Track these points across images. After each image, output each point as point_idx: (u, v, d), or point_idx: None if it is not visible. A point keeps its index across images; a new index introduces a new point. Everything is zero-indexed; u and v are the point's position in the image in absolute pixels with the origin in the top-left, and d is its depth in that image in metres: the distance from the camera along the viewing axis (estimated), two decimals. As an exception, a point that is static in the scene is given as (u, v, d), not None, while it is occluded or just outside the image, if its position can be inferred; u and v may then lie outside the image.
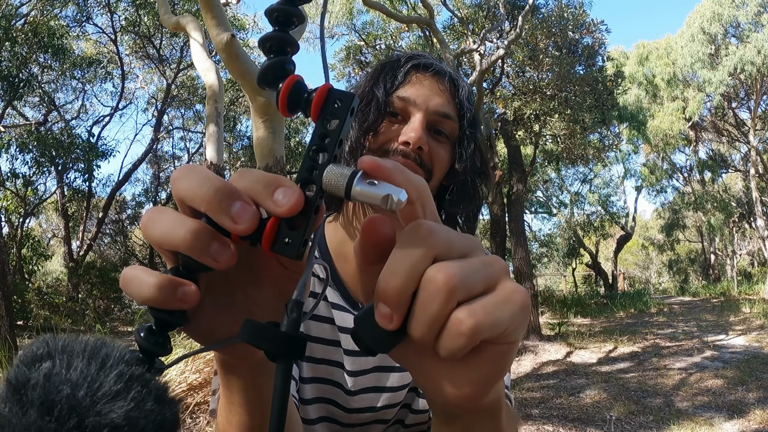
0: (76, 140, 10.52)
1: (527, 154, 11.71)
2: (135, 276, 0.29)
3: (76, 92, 13.11)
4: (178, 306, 0.29)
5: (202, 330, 0.35)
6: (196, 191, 0.29)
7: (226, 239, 0.29)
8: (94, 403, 0.24)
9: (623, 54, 19.28)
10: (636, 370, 5.88)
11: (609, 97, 9.47)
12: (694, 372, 5.54)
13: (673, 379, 5.33)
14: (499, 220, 8.72)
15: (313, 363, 0.78)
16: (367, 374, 0.79)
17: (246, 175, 0.30)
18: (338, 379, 0.79)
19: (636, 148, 20.14)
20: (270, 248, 0.30)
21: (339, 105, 0.30)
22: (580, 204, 19.96)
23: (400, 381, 0.80)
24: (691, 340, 7.52)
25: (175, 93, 13.39)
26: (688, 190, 20.77)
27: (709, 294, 15.98)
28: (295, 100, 0.31)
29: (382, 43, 11.18)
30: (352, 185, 0.29)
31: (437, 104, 0.74)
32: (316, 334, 0.78)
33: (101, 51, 12.78)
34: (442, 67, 0.77)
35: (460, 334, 0.27)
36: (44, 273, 12.92)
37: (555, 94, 9.01)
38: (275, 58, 0.31)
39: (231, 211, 0.28)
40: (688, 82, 17.32)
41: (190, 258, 0.29)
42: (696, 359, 6.20)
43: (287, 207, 0.28)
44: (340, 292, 0.78)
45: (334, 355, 0.78)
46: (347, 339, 0.78)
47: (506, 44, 8.22)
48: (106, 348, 0.26)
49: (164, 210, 0.30)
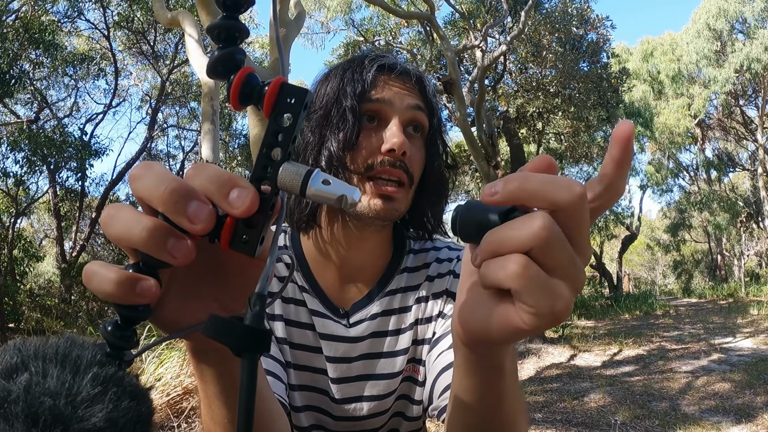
0: (68, 138, 10.50)
1: (530, 153, 11.70)
2: (95, 272, 0.30)
3: (69, 89, 13.08)
4: (137, 301, 0.30)
5: (168, 321, 0.36)
6: (153, 191, 0.29)
7: (182, 236, 0.30)
8: (75, 410, 0.25)
9: (627, 50, 19.29)
10: (641, 373, 5.88)
11: (614, 95, 9.48)
12: (701, 375, 5.53)
13: (679, 382, 5.33)
14: (501, 220, 8.71)
15: (297, 370, 0.78)
16: (352, 382, 0.79)
17: (202, 173, 0.31)
18: (323, 387, 0.79)
19: (641, 146, 20.14)
20: (228, 246, 0.31)
21: (292, 100, 0.31)
22: (584, 203, 19.93)
23: (386, 389, 0.80)
24: (697, 342, 7.51)
25: (170, 90, 13.37)
26: (694, 190, 20.78)
27: (717, 295, 15.98)
28: (248, 94, 0.31)
29: (381, 39, 11.17)
30: (307, 184, 0.30)
31: (409, 102, 0.74)
32: (298, 341, 0.78)
33: (94, 47, 12.76)
34: (407, 65, 0.77)
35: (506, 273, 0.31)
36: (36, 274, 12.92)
37: (558, 91, 9.01)
38: (225, 49, 0.31)
39: (187, 211, 0.29)
40: (693, 79, 17.34)
41: (148, 255, 0.30)
42: (703, 362, 6.20)
43: (242, 208, 0.29)
44: (320, 299, 0.78)
45: (316, 362, 0.79)
46: (329, 345, 0.78)
47: (509, 40, 8.22)
48: (76, 349, 0.27)
49: (122, 207, 0.31)
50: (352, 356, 0.79)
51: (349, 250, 0.76)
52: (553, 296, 0.31)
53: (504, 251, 0.31)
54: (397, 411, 0.84)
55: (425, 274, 0.81)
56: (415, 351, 0.80)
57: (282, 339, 0.78)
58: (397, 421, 0.85)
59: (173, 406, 3.65)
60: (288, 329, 0.78)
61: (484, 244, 0.32)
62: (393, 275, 0.80)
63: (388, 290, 0.79)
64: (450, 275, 0.80)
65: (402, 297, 0.80)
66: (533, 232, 0.30)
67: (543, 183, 0.31)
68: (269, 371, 0.72)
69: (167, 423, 3.51)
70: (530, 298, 0.31)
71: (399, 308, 0.80)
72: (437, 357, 0.74)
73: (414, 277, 0.81)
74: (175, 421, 3.52)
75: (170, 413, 3.58)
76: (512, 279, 0.30)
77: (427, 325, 0.80)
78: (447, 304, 0.79)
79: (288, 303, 0.78)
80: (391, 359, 0.79)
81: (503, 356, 0.41)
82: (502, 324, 0.34)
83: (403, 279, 0.81)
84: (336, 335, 0.78)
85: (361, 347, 0.79)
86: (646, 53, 18.78)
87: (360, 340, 0.78)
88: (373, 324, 0.79)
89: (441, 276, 0.81)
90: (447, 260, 0.82)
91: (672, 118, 17.92)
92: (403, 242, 0.83)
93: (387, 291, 0.79)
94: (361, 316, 0.78)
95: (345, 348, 0.78)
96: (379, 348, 0.79)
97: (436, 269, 0.81)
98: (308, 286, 0.78)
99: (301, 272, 0.79)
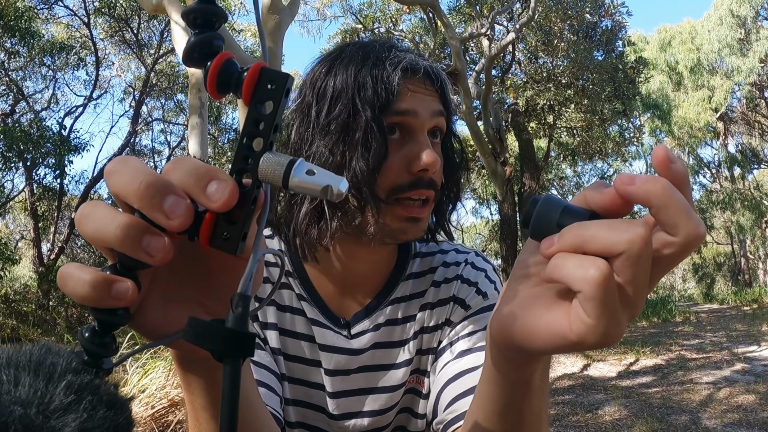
0: (46, 133, 10.50)
1: (540, 148, 11.71)
2: (70, 274, 0.30)
3: (46, 80, 13.09)
4: (113, 304, 0.30)
5: (149, 327, 0.36)
6: (128, 186, 0.30)
7: (159, 233, 0.30)
8: (47, 419, 0.25)
9: (643, 39, 19.31)
10: (660, 384, 5.88)
11: (630, 86, 9.49)
12: (724, 386, 5.53)
13: (700, 394, 5.33)
14: (509, 221, 8.73)
15: (292, 384, 0.78)
16: (351, 396, 0.79)
17: (179, 166, 0.31)
18: (319, 402, 0.79)
19: (659, 141, 20.15)
20: (208, 243, 0.31)
21: (273, 86, 0.30)
22: (598, 203, 19.95)
23: (388, 402, 0.80)
24: (720, 351, 7.52)
25: (155, 81, 13.38)
26: (716, 188, 20.78)
27: (740, 301, 15.98)
28: (226, 81, 0.31)
29: (381, 27, 11.18)
30: (289, 175, 0.30)
31: (433, 109, 0.72)
32: (293, 353, 0.78)
33: (73, 35, 12.77)
34: (426, 62, 0.74)
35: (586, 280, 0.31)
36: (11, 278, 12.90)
37: (571, 83, 9.01)
38: (202, 34, 0.31)
39: (164, 207, 0.29)
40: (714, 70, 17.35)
41: (125, 254, 0.30)
42: (725, 372, 6.20)
43: (221, 202, 0.29)
44: (319, 308, 0.78)
45: (313, 376, 0.78)
46: (328, 357, 0.77)
47: (518, 27, 8.22)
48: (51, 356, 0.28)
49: (98, 204, 0.31)
50: (352, 368, 0.78)
51: (354, 261, 0.76)
52: (615, 317, 0.32)
53: (590, 249, 0.31)
54: (399, 425, 0.84)
55: (431, 279, 0.81)
56: (419, 361, 0.80)
57: (276, 349, 0.77)
58: None
59: (158, 419, 3.65)
60: (282, 339, 0.78)
61: (569, 234, 0.32)
62: (398, 282, 0.80)
63: (392, 298, 0.79)
64: (457, 280, 0.80)
65: (407, 306, 0.80)
66: (631, 238, 0.30)
67: (679, 207, 0.31)
68: (262, 382, 0.71)
69: (152, 438, 3.51)
70: (596, 309, 0.31)
71: (404, 317, 0.80)
72: (443, 367, 0.74)
73: (420, 283, 0.81)
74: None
75: (155, 427, 3.58)
76: (588, 283, 0.31)
77: (433, 334, 0.79)
78: (454, 311, 0.78)
79: (284, 311, 0.78)
80: (394, 371, 0.79)
81: (533, 371, 0.41)
82: (547, 327, 0.34)
83: (408, 286, 0.80)
84: (336, 347, 0.78)
85: (363, 359, 0.79)
86: (664, 42, 18.79)
87: (361, 352, 0.78)
88: (377, 335, 0.78)
89: (448, 281, 0.80)
90: (454, 264, 0.81)
91: (692, 111, 17.92)
92: (408, 245, 0.82)
93: (391, 299, 0.79)
94: (364, 326, 0.78)
95: (345, 360, 0.78)
96: (382, 360, 0.79)
97: (443, 274, 0.81)
98: (306, 294, 0.78)
99: (298, 279, 0.78)
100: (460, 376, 0.71)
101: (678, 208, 0.31)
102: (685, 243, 0.32)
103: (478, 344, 0.74)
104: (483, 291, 0.79)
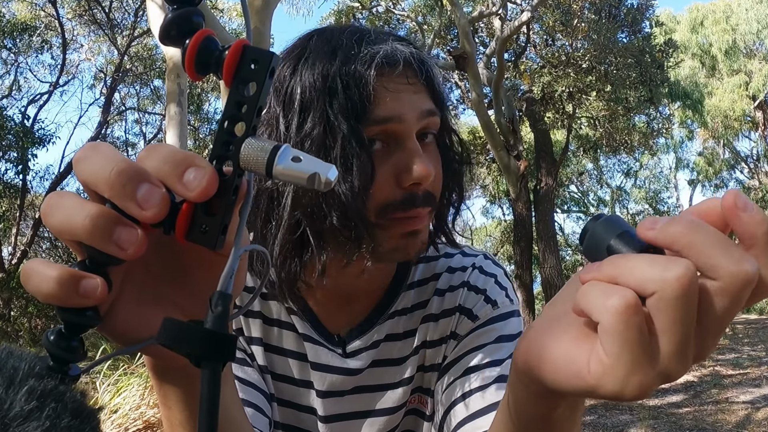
0: (7, 123, 10.50)
1: (558, 141, 11.72)
2: (34, 269, 0.31)
3: (8, 65, 13.08)
4: (80, 302, 0.31)
5: (122, 330, 0.36)
6: (99, 174, 0.30)
7: (131, 224, 0.30)
8: (6, 427, 0.25)
9: (673, 19, 19.32)
10: (691, 404, 5.88)
11: (658, 71, 9.49)
12: (763, 406, 5.54)
13: (736, 414, 5.33)
14: (524, 221, 8.74)
15: (280, 406, 0.78)
16: (345, 420, 0.79)
17: (154, 153, 0.31)
18: (310, 428, 0.79)
19: (691, 133, 20.17)
20: (185, 237, 0.31)
21: (256, 66, 0.31)
22: (624, 201, 20.02)
23: (387, 426, 0.80)
24: (758, 367, 7.51)
25: (129, 66, 13.38)
26: (754, 184, 20.79)
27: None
28: (205, 60, 0.31)
29: (381, 5, 11.18)
30: (273, 162, 0.30)
31: (421, 109, 0.67)
32: (281, 372, 0.78)
33: (37, 15, 12.76)
34: (404, 50, 0.68)
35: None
36: (-31, 286, 12.90)
37: (592, 67, 9.01)
38: (180, 9, 0.32)
39: (137, 196, 0.29)
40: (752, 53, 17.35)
41: (94, 248, 0.30)
42: (764, 391, 6.20)
43: (198, 190, 0.30)
44: (311, 323, 0.77)
45: (303, 398, 0.78)
46: (321, 377, 0.77)
47: (533, 6, 8.23)
48: (12, 359, 0.28)
49: (65, 194, 0.32)
50: (346, 389, 0.78)
51: (350, 274, 0.73)
52: (638, 362, 0.30)
53: (623, 281, 0.31)
54: None
55: (434, 287, 0.80)
56: (422, 379, 0.80)
57: (263, 367, 0.77)
58: None
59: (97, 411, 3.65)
60: (268, 356, 0.78)
61: (609, 263, 0.32)
62: (398, 293, 0.79)
63: (392, 311, 0.79)
64: (463, 288, 0.79)
65: (409, 318, 0.79)
66: (666, 278, 0.29)
67: (710, 245, 0.30)
68: (250, 402, 0.71)
69: (125, 464, 3.51)
70: (614, 346, 0.30)
71: (405, 332, 0.79)
72: (449, 386, 0.74)
73: (422, 292, 0.80)
74: (134, 461, 3.52)
75: (129, 452, 3.58)
76: (608, 312, 0.30)
77: (437, 349, 0.79)
78: (460, 323, 0.78)
79: (271, 325, 0.78)
80: (393, 391, 0.79)
81: (553, 407, 0.41)
82: (568, 361, 0.34)
83: (410, 296, 0.80)
84: (330, 366, 0.77)
85: (358, 379, 0.78)
86: (696, 22, 18.80)
87: (358, 372, 0.78)
88: (374, 352, 0.78)
89: (453, 289, 0.79)
90: (460, 269, 0.81)
91: (726, 99, 17.93)
92: None
93: (391, 312, 0.79)
94: (360, 344, 0.78)
95: (340, 381, 0.78)
96: (380, 379, 0.79)
97: (447, 281, 0.80)
98: (297, 306, 0.77)
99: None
100: (468, 396, 0.71)
101: (709, 246, 0.30)
102: (727, 288, 0.30)
103: (487, 359, 0.73)
104: (492, 299, 0.78)
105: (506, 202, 14.51)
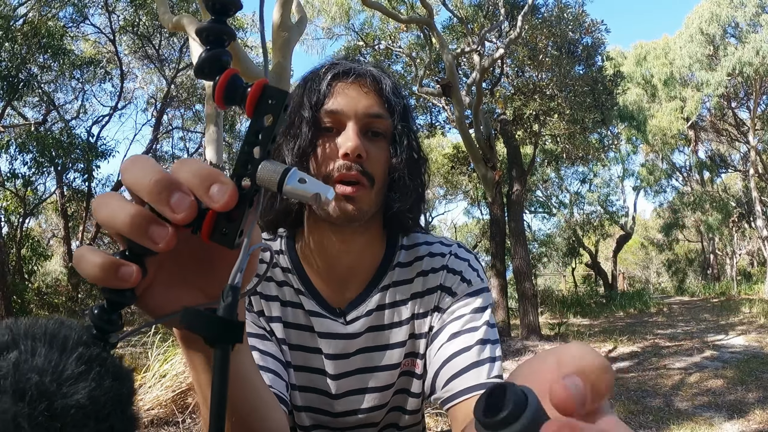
0: (75, 140, 10.49)
1: (527, 154, 11.70)
2: (83, 255, 0.31)
3: (76, 92, 13.08)
4: (118, 284, 0.31)
5: (153, 307, 0.37)
6: (139, 182, 0.31)
7: (164, 223, 0.31)
8: (60, 387, 0.26)
9: (621, 54, 19.28)
10: (635, 370, 5.88)
11: (608, 97, 9.47)
12: (694, 372, 5.53)
13: (672, 379, 5.32)
14: (498, 221, 8.71)
15: (296, 371, 0.80)
16: (350, 376, 0.80)
17: (185, 166, 0.32)
18: (320, 386, 0.81)
19: (635, 148, 20.12)
20: (208, 238, 0.32)
21: (273, 102, 0.31)
22: (580, 204, 19.95)
23: (384, 381, 0.81)
24: (690, 340, 7.51)
25: (175, 93, 13.37)
26: (687, 190, 20.75)
27: (709, 294, 15.96)
28: (231, 95, 0.32)
29: (382, 44, 11.16)
30: (284, 182, 0.31)
31: (365, 107, 0.73)
32: (296, 342, 0.79)
33: (100, 51, 12.75)
34: (362, 68, 0.76)
35: None
36: (44, 273, 12.91)
37: (555, 94, 9.01)
38: (212, 51, 0.32)
39: (170, 201, 0.30)
40: (686, 82, 17.33)
41: (133, 241, 0.31)
42: (696, 359, 6.19)
43: (222, 203, 0.30)
44: (316, 300, 0.79)
45: (313, 362, 0.80)
46: (327, 343, 0.79)
47: (506, 44, 8.22)
48: (64, 329, 0.28)
49: (112, 195, 0.32)
50: (351, 351, 0.80)
51: (335, 254, 0.77)
52: None
53: None
54: (396, 405, 0.85)
55: (418, 269, 0.82)
56: (414, 345, 0.81)
57: (282, 340, 0.79)
58: (396, 415, 0.86)
59: (178, 401, 3.65)
60: (287, 331, 0.79)
61: None
62: (386, 272, 0.81)
63: (381, 286, 0.81)
64: (443, 270, 0.81)
65: (394, 291, 0.81)
66: None
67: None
68: (269, 368, 0.72)
69: (172, 418, 3.51)
70: None
71: (392, 302, 0.81)
72: (438, 349, 0.75)
73: (406, 271, 0.82)
74: (179, 416, 3.52)
75: (175, 409, 3.58)
76: None
77: (423, 320, 0.81)
78: (442, 299, 0.80)
79: (285, 306, 0.80)
80: (389, 351, 0.81)
81: None
82: None
83: (395, 274, 0.81)
84: (334, 333, 0.79)
85: (359, 342, 0.80)
86: (640, 57, 18.76)
87: (357, 336, 0.80)
88: (369, 319, 0.80)
89: (435, 271, 0.81)
90: (440, 255, 0.82)
91: (665, 120, 17.90)
92: (395, 239, 0.83)
93: (381, 287, 0.81)
94: (357, 313, 0.80)
95: (343, 344, 0.80)
96: (377, 341, 0.81)
97: (429, 263, 0.82)
98: (304, 288, 0.79)
99: (297, 275, 0.80)
100: (453, 357, 0.73)
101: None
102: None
103: (467, 326, 0.75)
104: (467, 279, 0.80)
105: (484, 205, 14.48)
